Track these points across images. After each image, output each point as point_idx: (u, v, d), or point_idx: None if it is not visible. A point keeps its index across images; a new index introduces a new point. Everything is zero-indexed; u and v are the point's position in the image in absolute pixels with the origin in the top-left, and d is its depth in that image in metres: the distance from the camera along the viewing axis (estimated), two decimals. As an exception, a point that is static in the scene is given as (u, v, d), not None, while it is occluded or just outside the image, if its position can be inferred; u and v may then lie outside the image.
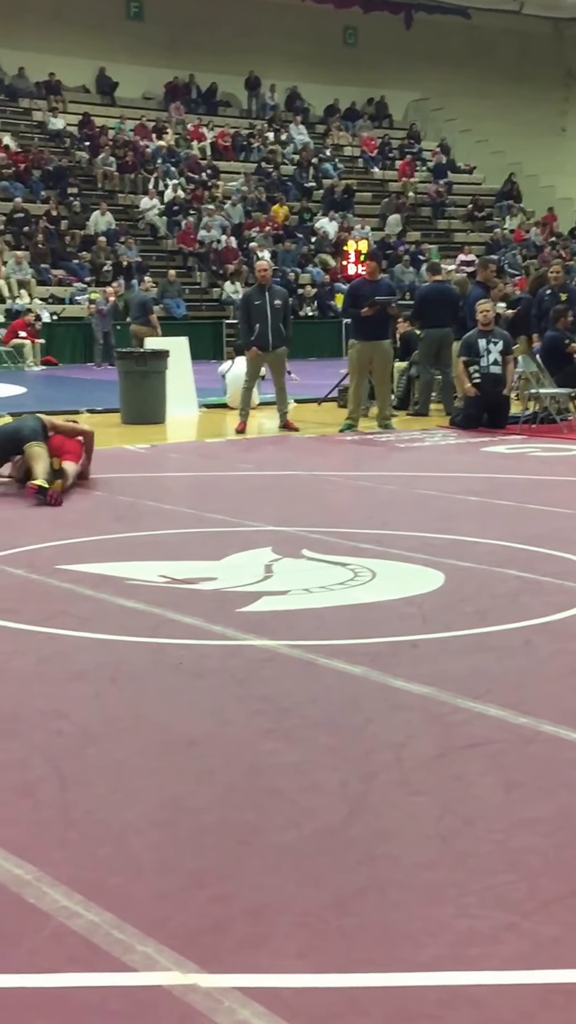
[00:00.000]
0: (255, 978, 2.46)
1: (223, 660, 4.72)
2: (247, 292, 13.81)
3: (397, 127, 36.62)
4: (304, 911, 2.75)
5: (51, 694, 4.25)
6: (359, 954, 2.57)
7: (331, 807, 3.33)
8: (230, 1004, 2.38)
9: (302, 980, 2.47)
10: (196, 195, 29.70)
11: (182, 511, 8.00)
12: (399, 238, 31.22)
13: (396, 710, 4.13)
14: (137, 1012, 2.38)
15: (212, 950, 2.58)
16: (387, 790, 3.47)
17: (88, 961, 2.53)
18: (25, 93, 31.00)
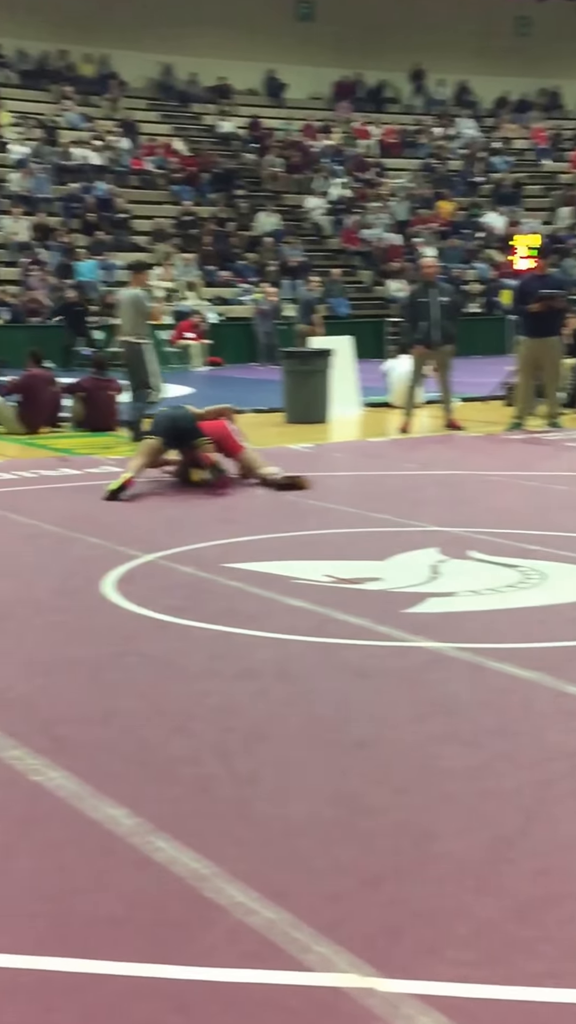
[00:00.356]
0: (433, 986, 2.42)
1: (390, 661, 4.68)
2: (413, 289, 13.72)
3: (570, 117, 35.81)
4: (482, 920, 2.69)
5: (221, 691, 4.28)
6: (540, 967, 2.50)
7: (506, 814, 3.26)
8: (408, 1010, 2.34)
9: (482, 991, 2.41)
10: (361, 193, 29.69)
11: (346, 510, 7.99)
12: (570, 231, 30.56)
13: (571, 717, 4.03)
14: (316, 1012, 2.37)
15: (388, 954, 2.55)
16: (564, 799, 3.38)
17: (266, 958, 2.53)
18: (196, 98, 31.53)
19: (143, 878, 2.88)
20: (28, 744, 3.69)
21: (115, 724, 3.93)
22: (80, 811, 3.23)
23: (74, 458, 10.49)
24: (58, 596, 5.68)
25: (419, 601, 5.54)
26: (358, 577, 5.99)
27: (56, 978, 2.47)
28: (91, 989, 2.44)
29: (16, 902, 2.78)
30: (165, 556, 6.47)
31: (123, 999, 2.41)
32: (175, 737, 3.82)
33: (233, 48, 31.05)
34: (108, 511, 7.94)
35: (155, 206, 27.21)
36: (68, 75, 29.91)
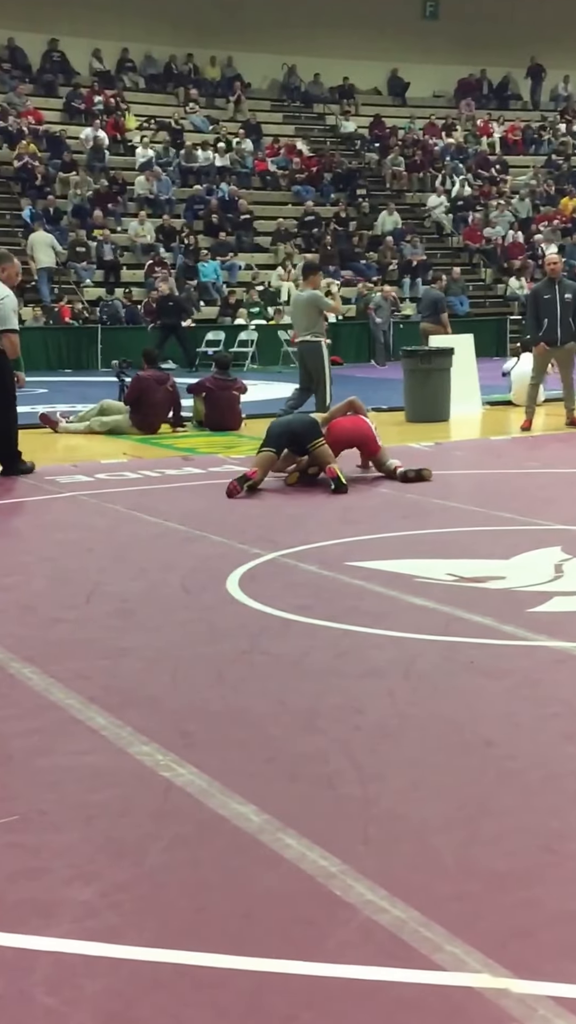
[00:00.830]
0: (571, 988, 2.39)
1: (516, 660, 4.63)
2: (536, 286, 13.55)
3: None
4: (616, 926, 2.65)
5: (347, 689, 4.29)
6: None
7: None
8: (544, 1012, 2.32)
9: (619, 997, 2.37)
10: (483, 191, 29.42)
11: (468, 509, 7.93)
12: None
13: None
14: (451, 1012, 2.36)
15: (521, 956, 2.52)
16: None
17: (399, 957, 2.52)
18: (319, 98, 31.64)
19: (273, 875, 2.90)
20: (157, 740, 3.75)
21: (242, 721, 3.97)
22: (209, 807, 3.26)
23: (197, 457, 10.61)
24: (184, 594, 5.75)
25: (544, 600, 5.48)
26: (482, 576, 5.94)
27: (191, 972, 2.50)
28: (226, 984, 2.46)
29: (151, 896, 2.82)
30: (288, 554, 6.50)
31: (257, 994, 2.43)
32: (301, 735, 3.84)
33: (356, 48, 31.06)
34: (231, 510, 8.01)
35: (277, 207, 27.37)
36: (193, 78, 30.27)
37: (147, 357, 12.68)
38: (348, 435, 9.10)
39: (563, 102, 33.93)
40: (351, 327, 23.73)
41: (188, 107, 29.16)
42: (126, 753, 3.66)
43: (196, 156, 27.21)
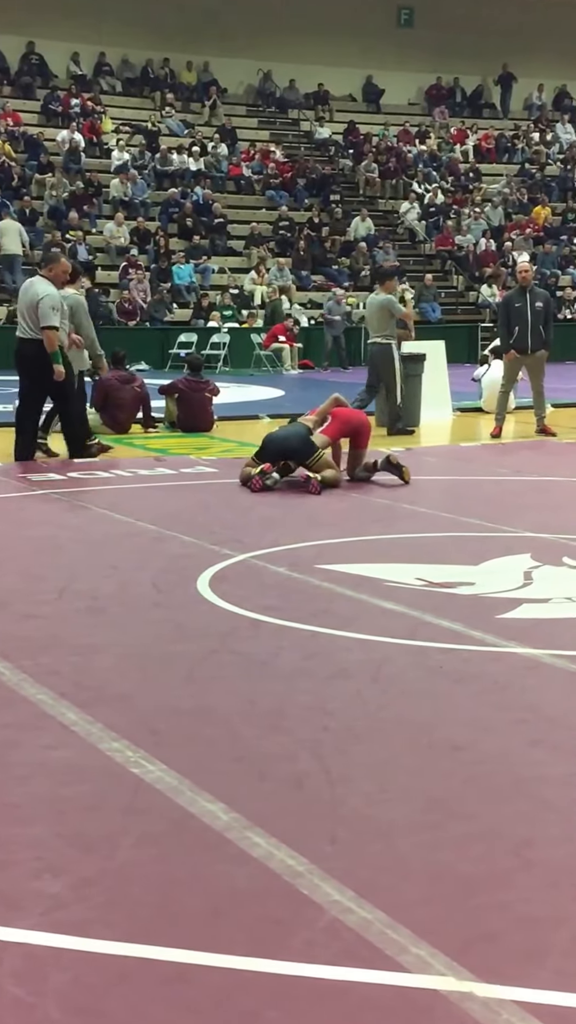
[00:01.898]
0: (534, 993, 2.40)
1: (484, 666, 4.66)
2: (508, 294, 13.62)
3: None
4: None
5: (315, 691, 4.30)
6: None
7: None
8: (508, 1016, 2.33)
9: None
10: (456, 199, 29.56)
11: (438, 514, 7.96)
12: None
13: None
14: (414, 1014, 2.37)
15: (486, 959, 2.54)
16: None
17: (363, 957, 2.53)
18: (294, 104, 31.69)
19: (241, 873, 2.91)
20: (127, 737, 3.75)
21: (211, 720, 3.98)
22: (178, 804, 3.27)
23: (169, 458, 10.61)
24: (155, 593, 5.75)
25: (513, 607, 5.51)
26: (451, 581, 5.97)
27: (158, 967, 2.51)
28: (192, 980, 2.47)
29: (119, 891, 2.83)
30: (258, 556, 6.51)
31: (223, 991, 2.44)
32: (270, 735, 3.85)
33: (332, 55, 31.13)
34: (202, 510, 8.02)
35: (251, 211, 27.42)
36: (169, 83, 30.27)
37: (114, 358, 12.69)
38: (352, 422, 9.20)
39: (536, 111, 34.14)
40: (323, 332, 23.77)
41: (164, 111, 29.15)
42: (96, 749, 3.65)
43: (171, 160, 27.21)
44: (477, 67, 33.15)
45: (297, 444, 8.78)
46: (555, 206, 30.42)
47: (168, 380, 13.27)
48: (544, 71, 33.64)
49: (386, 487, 8.95)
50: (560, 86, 34.45)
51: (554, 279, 27.04)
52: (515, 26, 32.60)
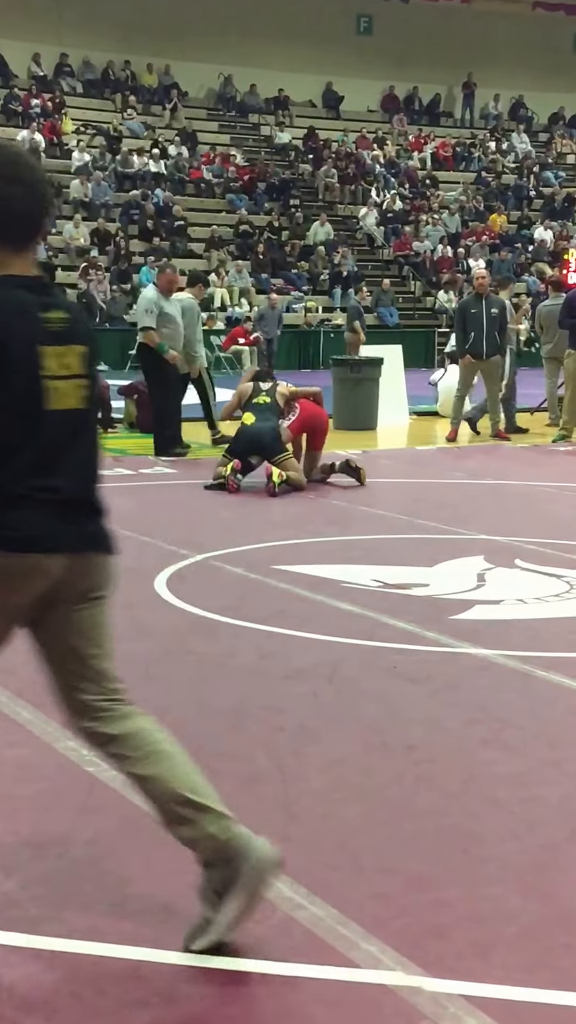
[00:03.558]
0: (482, 987, 2.44)
1: (438, 666, 4.71)
2: (464, 300, 13.72)
3: (625, 134, 35.75)
4: (530, 925, 2.71)
5: (271, 690, 4.33)
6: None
7: (553, 822, 3.27)
8: (456, 1010, 2.36)
9: (530, 994, 2.43)
10: (414, 205, 29.74)
11: (394, 516, 8.01)
12: (621, 248, 30.46)
13: (619, 728, 4.03)
14: (363, 1009, 2.40)
15: (435, 955, 2.57)
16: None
17: (313, 954, 2.56)
18: (255, 109, 31.74)
19: (193, 870, 2.91)
20: (82, 736, 3.75)
21: (166, 719, 3.93)
22: (132, 803, 3.27)
23: (127, 458, 10.60)
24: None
25: (467, 608, 5.56)
26: (406, 582, 6.01)
27: (110, 963, 2.52)
28: (144, 975, 2.48)
29: (72, 889, 2.83)
30: (216, 556, 6.53)
31: (175, 986, 2.45)
32: (226, 734, 3.87)
33: (292, 60, 31.23)
34: (161, 511, 8.02)
35: (212, 214, 27.44)
36: (130, 85, 30.22)
37: None
38: (314, 420, 9.29)
39: (493, 120, 34.44)
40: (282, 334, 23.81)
41: (125, 113, 29.10)
42: (52, 748, 3.66)
43: (132, 162, 27.17)
44: (435, 76, 33.40)
45: (268, 440, 8.87)
46: (510, 214, 30.70)
47: (128, 381, 13.27)
48: (500, 82, 33.94)
49: (343, 489, 9.00)
50: (516, 97, 34.79)
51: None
52: (472, 36, 32.89)
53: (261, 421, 8.97)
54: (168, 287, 10.58)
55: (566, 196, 31.60)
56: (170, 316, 10.41)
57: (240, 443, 8.93)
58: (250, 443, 8.88)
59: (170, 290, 10.60)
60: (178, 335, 10.49)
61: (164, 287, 10.57)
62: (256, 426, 8.95)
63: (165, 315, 10.37)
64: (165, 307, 10.43)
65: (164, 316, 10.36)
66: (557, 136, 34.42)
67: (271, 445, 8.84)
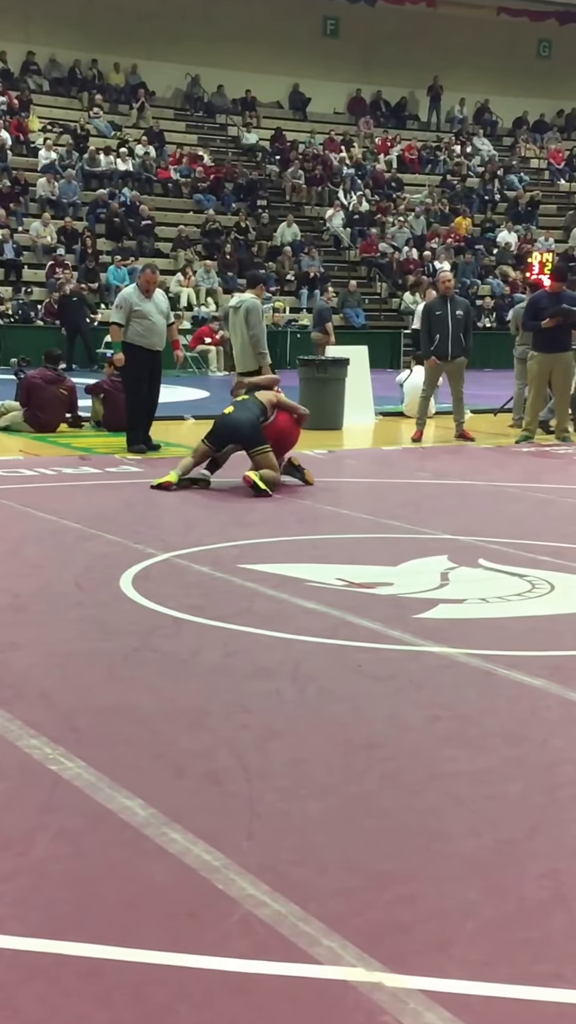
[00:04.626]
0: (441, 982, 2.46)
1: (401, 665, 4.73)
2: (429, 302, 13.78)
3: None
4: (489, 920, 2.74)
5: (235, 689, 4.34)
6: (546, 968, 2.54)
7: (513, 818, 3.30)
8: (415, 1006, 2.38)
9: (488, 989, 2.45)
10: (381, 207, 29.83)
11: (359, 516, 8.04)
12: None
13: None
14: (324, 1005, 2.41)
15: (396, 950, 2.59)
16: (570, 805, 3.42)
17: (275, 950, 2.57)
18: (222, 109, 31.72)
19: (157, 868, 2.93)
20: (46, 734, 3.75)
21: (131, 718, 3.99)
22: (96, 801, 3.28)
23: (94, 457, 10.58)
24: (77, 591, 5.74)
25: (430, 607, 5.59)
26: (370, 581, 6.04)
27: (73, 962, 2.52)
28: (106, 974, 2.48)
29: (35, 887, 2.83)
30: (182, 555, 6.53)
31: (137, 985, 2.46)
32: (189, 732, 3.88)
33: (259, 62, 31.25)
34: (126, 509, 8.01)
35: (179, 214, 27.41)
36: (97, 84, 30.13)
37: (47, 357, 12.68)
38: (284, 432, 9.24)
39: (458, 124, 34.60)
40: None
41: (92, 112, 29.01)
42: (15, 746, 3.65)
43: (99, 160, 27.09)
44: (401, 79, 33.53)
45: (247, 431, 8.88)
46: (475, 217, 30.86)
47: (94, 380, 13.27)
48: (466, 86, 34.12)
49: (309, 489, 9.01)
50: (481, 101, 34.98)
51: (474, 288, 27.42)
52: (438, 40, 33.05)
53: (240, 412, 9.02)
54: (147, 286, 10.74)
55: (530, 200, 31.80)
56: (144, 313, 10.55)
57: (218, 434, 8.94)
58: (229, 432, 8.90)
59: (148, 289, 10.73)
60: (154, 331, 10.63)
61: (143, 286, 10.73)
62: (235, 416, 9.00)
63: (139, 312, 10.53)
64: (141, 305, 10.57)
65: (137, 313, 10.53)
66: (521, 140, 34.64)
67: (250, 436, 8.87)
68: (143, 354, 10.61)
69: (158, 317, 10.67)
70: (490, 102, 34.96)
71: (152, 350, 10.66)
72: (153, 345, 10.66)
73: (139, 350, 10.59)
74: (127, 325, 10.52)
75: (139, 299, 10.61)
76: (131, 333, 10.54)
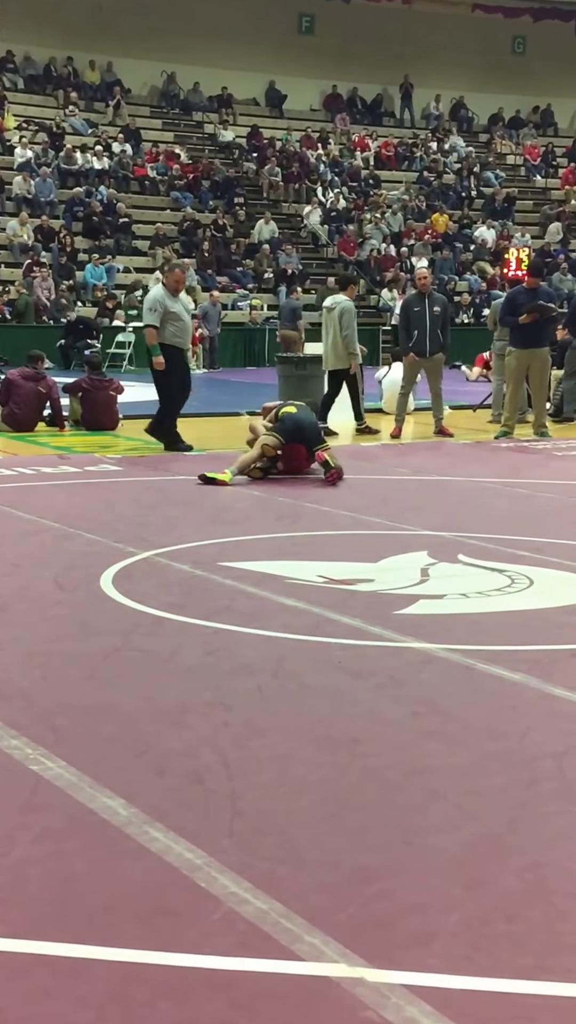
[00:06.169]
0: (422, 977, 2.47)
1: (382, 661, 4.74)
2: (407, 298, 13.82)
3: (562, 135, 36.17)
4: (469, 914, 2.74)
5: (217, 686, 4.34)
6: (527, 961, 2.55)
7: (493, 812, 3.31)
8: (397, 1000, 2.39)
9: (470, 982, 2.46)
10: (358, 204, 29.84)
11: (339, 513, 8.04)
12: (561, 246, 30.80)
13: (557, 719, 4.09)
14: (306, 1001, 2.41)
15: (378, 945, 2.60)
16: (550, 799, 3.43)
17: (257, 947, 2.57)
18: (198, 107, 31.69)
19: (139, 867, 2.93)
20: (27, 734, 3.74)
21: (112, 717, 3.99)
22: (78, 801, 3.28)
23: (73, 456, 10.57)
24: (57, 591, 5.73)
25: (410, 603, 5.60)
26: (351, 578, 6.05)
27: (54, 962, 2.52)
28: (88, 974, 2.48)
29: (15, 888, 2.83)
30: (162, 553, 6.53)
31: (119, 984, 2.45)
32: (171, 730, 3.88)
33: (235, 59, 31.24)
34: (106, 508, 8.01)
35: (156, 212, 27.38)
36: (73, 81, 30.04)
37: (29, 357, 12.71)
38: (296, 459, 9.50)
39: (434, 120, 34.65)
40: (228, 332, 23.82)
41: (67, 110, 28.92)
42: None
43: (75, 159, 27.02)
44: (376, 76, 33.57)
45: (311, 432, 9.38)
46: (452, 213, 30.92)
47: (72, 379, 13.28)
48: (441, 82, 34.21)
49: (289, 486, 9.02)
50: (457, 97, 35.04)
51: (452, 284, 27.47)
52: (413, 37, 33.10)
53: (304, 413, 9.50)
54: (175, 286, 10.82)
55: (506, 196, 31.88)
56: (176, 314, 10.67)
57: (287, 426, 9.24)
58: (296, 428, 9.25)
59: (177, 289, 10.82)
60: (186, 331, 10.80)
61: (172, 286, 10.79)
62: (300, 414, 9.40)
63: (171, 313, 10.63)
64: (171, 306, 10.67)
65: (170, 315, 10.63)
66: (497, 137, 34.72)
67: (314, 437, 9.37)
68: (178, 354, 10.78)
69: (187, 316, 10.90)
70: (465, 99, 35.06)
71: (184, 349, 10.87)
72: (185, 344, 10.87)
73: (174, 350, 10.74)
74: (162, 327, 10.62)
75: (171, 300, 10.69)
76: (167, 334, 10.68)
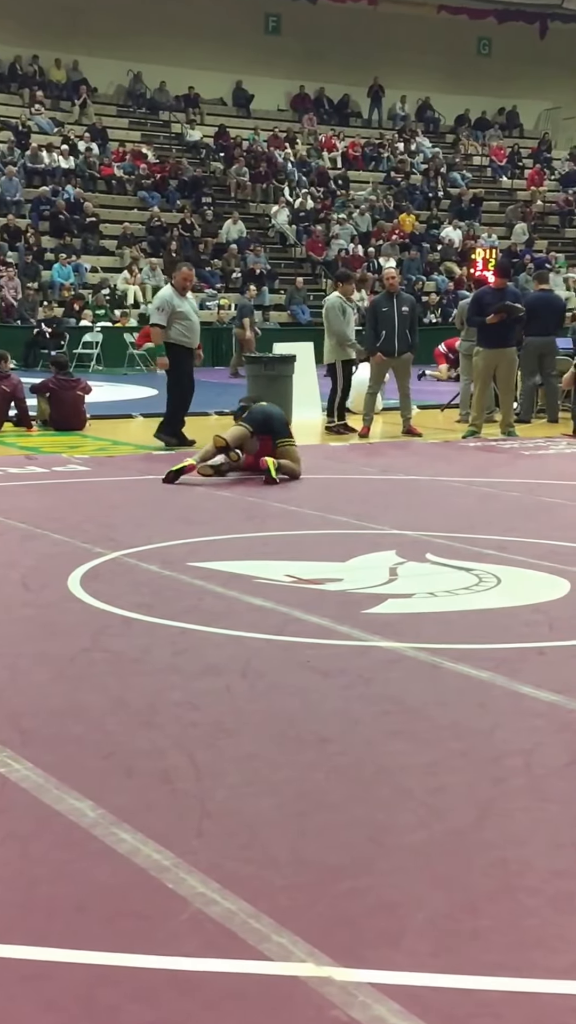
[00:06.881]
0: (389, 975, 2.47)
1: (350, 660, 4.75)
2: (375, 299, 13.84)
3: (528, 136, 36.35)
4: (436, 911, 2.75)
5: (185, 687, 4.33)
6: (493, 957, 2.56)
7: (460, 810, 3.32)
8: (364, 999, 2.39)
9: (436, 980, 2.47)
10: (325, 204, 29.87)
11: (307, 512, 8.05)
12: (527, 247, 30.94)
13: (524, 716, 4.11)
14: (274, 1001, 2.41)
15: (346, 944, 2.60)
16: (517, 796, 3.45)
17: (225, 948, 2.57)
18: (165, 106, 31.60)
19: (106, 868, 2.92)
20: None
21: (80, 718, 3.97)
22: (44, 803, 3.26)
23: (41, 456, 10.52)
24: (25, 592, 5.71)
25: (379, 602, 5.62)
26: (319, 578, 6.05)
27: (19, 966, 2.50)
28: (54, 977, 2.47)
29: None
30: (130, 554, 6.51)
31: (85, 987, 2.44)
32: (139, 731, 3.87)
33: (201, 58, 31.19)
34: (74, 509, 7.97)
35: (123, 211, 27.29)
36: (39, 80, 29.90)
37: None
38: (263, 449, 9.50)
39: (401, 121, 34.74)
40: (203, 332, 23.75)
41: (33, 108, 28.78)
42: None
43: (41, 157, 26.90)
44: (343, 76, 33.59)
45: (278, 423, 9.48)
46: (419, 214, 31.01)
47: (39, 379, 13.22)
48: (407, 83, 34.28)
49: (257, 486, 9.02)
50: (423, 98, 35.13)
51: (419, 284, 27.54)
52: (379, 38, 33.17)
53: (272, 407, 9.61)
54: (183, 285, 10.91)
55: (472, 197, 32.01)
56: (183, 313, 10.77)
57: (256, 416, 9.35)
58: (265, 419, 9.34)
59: (185, 288, 10.91)
60: (194, 330, 10.86)
61: (179, 285, 10.89)
62: (269, 407, 9.54)
63: (179, 313, 10.73)
64: (179, 305, 10.77)
65: (177, 314, 10.73)
66: (463, 138, 34.84)
67: (280, 429, 9.43)
68: (185, 352, 10.86)
69: (195, 316, 10.96)
70: (432, 99, 35.14)
71: (191, 348, 10.92)
72: (193, 343, 10.92)
73: (182, 349, 10.82)
74: (169, 326, 10.72)
75: (178, 300, 10.76)
76: (174, 333, 10.77)
